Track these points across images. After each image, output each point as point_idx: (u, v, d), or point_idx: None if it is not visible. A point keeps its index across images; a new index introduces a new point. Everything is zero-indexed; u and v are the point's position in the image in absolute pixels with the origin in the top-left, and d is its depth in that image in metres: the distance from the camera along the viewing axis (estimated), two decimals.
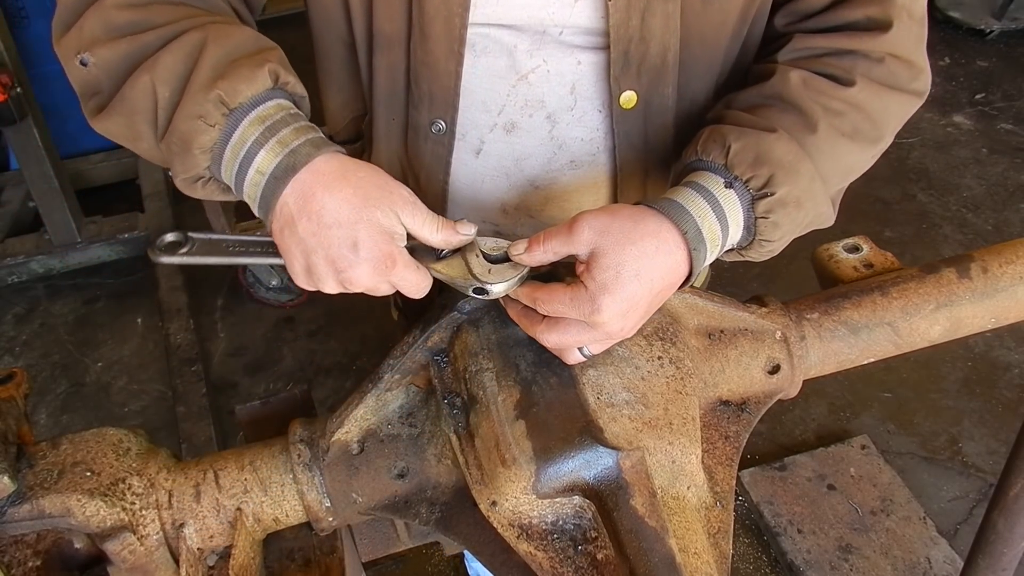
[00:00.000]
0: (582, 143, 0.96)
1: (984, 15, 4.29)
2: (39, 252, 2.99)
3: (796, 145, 0.81)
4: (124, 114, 0.76)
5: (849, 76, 0.83)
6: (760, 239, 0.83)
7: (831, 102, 0.83)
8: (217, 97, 0.72)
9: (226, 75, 0.73)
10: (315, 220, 0.72)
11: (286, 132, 0.74)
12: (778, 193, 0.79)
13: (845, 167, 0.86)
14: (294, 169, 0.72)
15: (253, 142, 0.73)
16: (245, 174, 0.74)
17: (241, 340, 2.85)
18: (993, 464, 2.35)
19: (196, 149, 0.74)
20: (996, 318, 1.01)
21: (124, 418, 2.59)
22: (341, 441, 0.84)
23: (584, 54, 0.89)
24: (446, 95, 0.90)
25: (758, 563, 2.16)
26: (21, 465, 0.79)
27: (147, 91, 0.74)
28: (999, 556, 1.36)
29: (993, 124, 3.70)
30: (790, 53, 0.87)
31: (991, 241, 2.88)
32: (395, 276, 0.75)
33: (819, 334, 0.96)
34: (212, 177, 0.78)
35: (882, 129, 0.87)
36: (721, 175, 0.81)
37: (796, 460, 2.32)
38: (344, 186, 0.72)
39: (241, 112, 0.74)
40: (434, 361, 0.85)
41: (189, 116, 0.72)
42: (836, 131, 0.83)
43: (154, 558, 0.81)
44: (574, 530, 0.75)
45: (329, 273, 0.73)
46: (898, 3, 0.83)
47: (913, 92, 0.87)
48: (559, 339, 0.76)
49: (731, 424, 0.91)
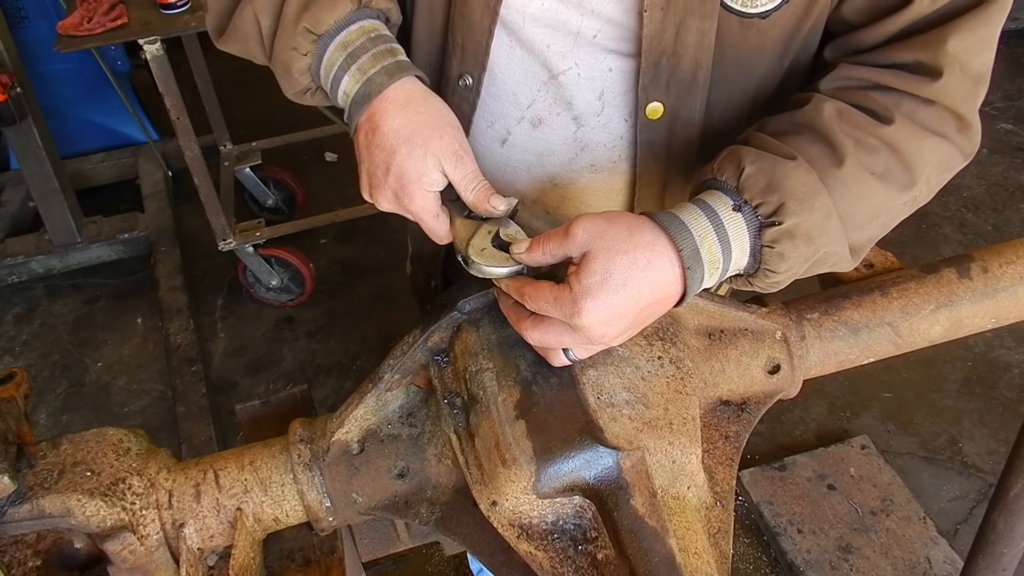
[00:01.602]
0: (604, 148, 0.97)
1: None
2: (39, 252, 2.99)
3: (814, 177, 0.77)
4: (239, 40, 0.88)
5: (889, 113, 0.80)
6: (765, 268, 0.79)
7: (865, 137, 0.79)
8: (304, 28, 0.82)
9: (311, 5, 0.81)
10: (370, 139, 0.82)
11: (365, 59, 0.82)
12: (786, 223, 0.75)
13: (870, 209, 0.81)
14: (368, 97, 0.81)
15: (338, 67, 0.83)
16: (336, 94, 0.85)
17: (241, 340, 2.85)
18: (993, 464, 2.35)
19: (295, 73, 0.85)
20: (996, 318, 1.01)
21: (124, 418, 2.59)
22: (341, 441, 0.84)
23: (616, 60, 0.89)
24: (476, 51, 0.91)
25: (758, 563, 2.16)
26: (21, 465, 0.79)
27: (251, 20, 0.85)
28: (999, 556, 1.36)
29: (993, 124, 3.70)
30: (833, 81, 0.84)
31: (991, 241, 2.88)
32: (413, 211, 0.82)
33: (819, 334, 0.96)
34: (319, 88, 0.88)
35: (915, 175, 0.81)
36: (731, 197, 0.78)
37: (796, 460, 2.32)
38: (400, 116, 0.81)
39: (328, 37, 0.83)
40: (434, 361, 0.85)
41: (284, 46, 0.84)
42: (864, 168, 0.79)
43: (154, 558, 0.81)
44: (574, 530, 0.75)
45: (365, 185, 0.84)
46: (950, 53, 0.78)
47: (956, 145, 0.82)
48: (542, 337, 0.75)
49: (731, 424, 0.91)
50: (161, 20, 2.28)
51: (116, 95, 3.20)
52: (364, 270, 3.09)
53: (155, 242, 3.04)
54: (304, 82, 0.87)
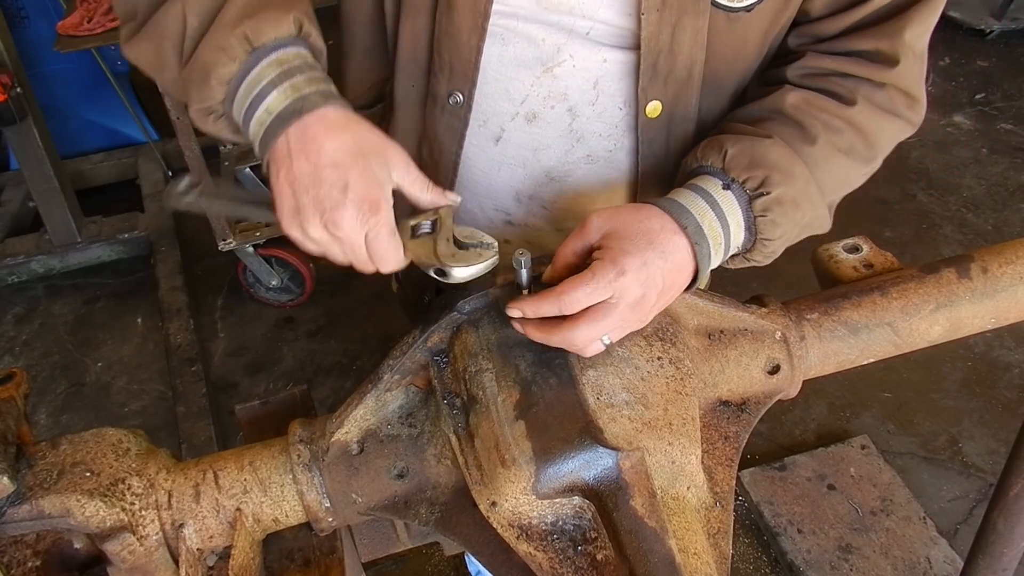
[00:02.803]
0: (600, 138, 0.98)
1: (984, 15, 4.29)
2: (39, 252, 2.99)
3: (791, 151, 0.86)
4: (155, 39, 0.81)
5: (851, 96, 0.88)
6: (761, 238, 0.87)
7: (831, 120, 0.88)
8: (242, 34, 0.76)
9: (254, 15, 0.77)
10: (312, 160, 0.74)
11: (300, 79, 0.77)
12: (774, 193, 0.84)
13: (839, 181, 0.92)
14: (300, 113, 0.75)
15: (268, 82, 0.77)
16: (254, 111, 0.78)
17: (241, 340, 2.85)
18: (993, 464, 2.35)
19: (214, 80, 0.77)
20: (996, 318, 1.01)
21: (124, 418, 2.59)
22: (341, 441, 0.84)
23: (611, 52, 0.91)
24: (466, 68, 0.91)
25: (758, 563, 2.16)
26: (21, 465, 0.79)
27: (178, 18, 0.78)
28: (999, 556, 1.36)
29: (993, 124, 3.70)
30: (799, 69, 0.91)
31: (991, 241, 2.88)
32: (374, 226, 0.75)
33: (819, 334, 0.96)
34: (224, 114, 0.82)
35: (875, 150, 0.92)
36: (719, 178, 0.86)
37: (796, 460, 2.32)
38: (344, 133, 0.76)
39: (262, 52, 0.78)
40: (434, 361, 0.85)
41: (213, 47, 0.77)
42: (833, 146, 0.89)
43: (154, 558, 0.80)
44: (574, 531, 0.75)
45: (315, 213, 0.75)
46: (906, 41, 0.86)
47: (907, 120, 0.93)
48: (587, 330, 0.76)
49: (731, 424, 0.91)
50: None
51: (116, 95, 3.19)
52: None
53: (155, 242, 3.04)
54: (218, 95, 0.79)
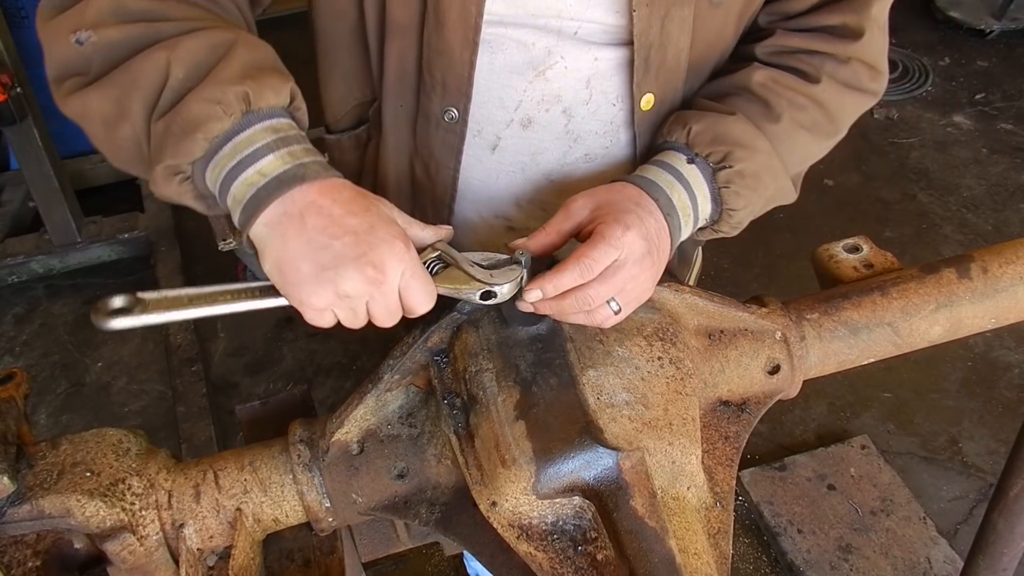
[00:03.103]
0: (596, 136, 0.98)
1: (984, 15, 4.29)
2: (39, 252, 2.99)
3: (753, 126, 0.90)
4: (119, 88, 0.73)
5: (816, 74, 0.92)
6: (726, 209, 0.91)
7: (796, 97, 0.92)
8: (243, 93, 0.71)
9: (256, 77, 0.73)
10: (325, 215, 0.70)
11: (297, 148, 0.74)
12: (737, 167, 0.88)
13: (802, 155, 0.97)
14: (303, 179, 0.71)
15: (262, 145, 0.72)
16: (240, 173, 0.72)
17: (241, 340, 2.85)
18: (993, 464, 2.35)
19: (201, 134, 0.71)
20: (996, 318, 1.01)
21: (124, 418, 2.59)
22: (341, 441, 0.84)
23: (601, 50, 0.91)
24: (460, 84, 0.91)
25: (758, 563, 2.16)
26: (21, 465, 0.79)
27: (158, 68, 0.72)
28: (999, 556, 1.36)
29: (993, 124, 3.70)
30: (767, 47, 0.95)
31: (991, 241, 2.88)
32: (409, 263, 0.72)
33: (819, 334, 0.96)
34: (191, 176, 0.75)
35: (838, 124, 0.96)
36: (683, 153, 0.90)
37: (796, 460, 2.32)
38: (350, 189, 0.73)
39: (255, 117, 0.73)
40: (434, 361, 0.85)
41: (207, 99, 0.71)
42: (797, 123, 0.92)
43: (154, 558, 0.80)
44: (574, 531, 0.75)
45: (350, 261, 0.69)
46: (872, 15, 0.90)
47: (871, 92, 0.96)
48: (599, 289, 0.78)
49: (731, 424, 0.91)
50: None
51: None
52: None
53: (155, 242, 3.04)
54: (198, 151, 0.72)
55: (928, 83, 3.94)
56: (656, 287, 0.86)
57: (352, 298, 0.71)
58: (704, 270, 1.33)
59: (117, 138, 0.75)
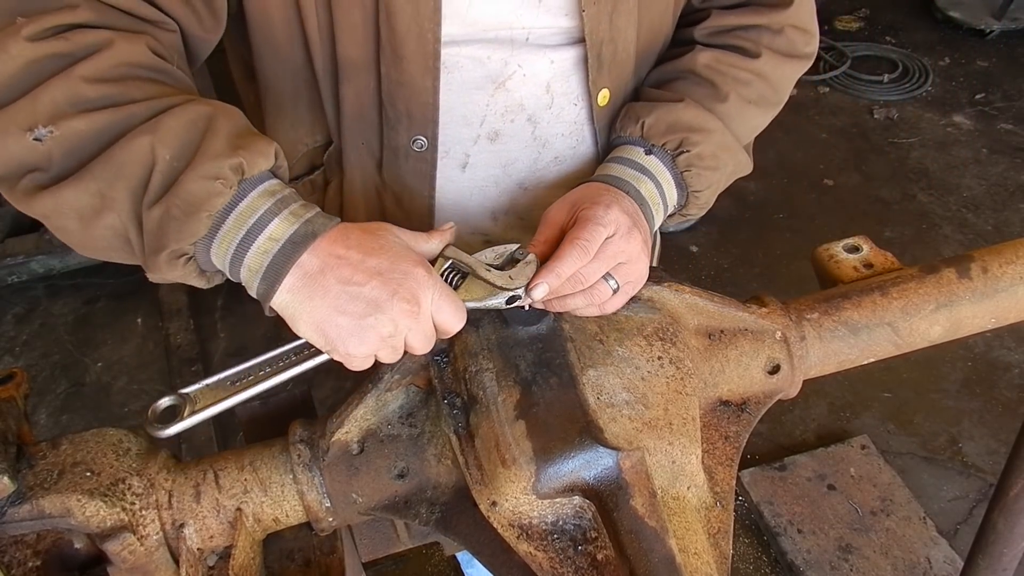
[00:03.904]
0: (563, 138, 0.99)
1: (984, 15, 4.29)
2: (39, 252, 2.99)
3: (702, 109, 0.94)
4: (99, 179, 0.69)
5: (756, 49, 0.96)
6: (692, 191, 0.95)
7: (740, 73, 0.96)
8: (237, 164, 0.70)
9: (245, 147, 0.72)
10: (347, 265, 0.70)
11: (296, 206, 0.74)
12: (694, 150, 0.92)
13: (751, 128, 1.02)
14: (314, 236, 0.71)
15: (266, 211, 0.72)
16: (252, 242, 0.71)
17: (241, 340, 2.85)
18: (993, 464, 2.35)
19: (204, 212, 0.70)
20: (996, 318, 1.01)
21: (124, 418, 2.59)
22: (341, 441, 0.84)
23: (555, 52, 0.92)
24: (425, 111, 0.90)
25: (758, 563, 2.16)
26: (21, 465, 0.79)
27: (143, 153, 0.69)
28: (999, 556, 1.36)
29: (993, 124, 3.70)
30: (706, 29, 0.98)
31: (991, 241, 2.88)
32: (436, 287, 0.73)
33: (819, 334, 0.96)
34: (194, 256, 0.74)
35: (781, 93, 1.02)
36: (639, 145, 0.94)
37: (796, 460, 2.32)
38: (355, 230, 0.74)
39: (250, 184, 0.73)
40: (434, 361, 0.85)
41: (204, 177, 0.69)
42: (743, 99, 0.97)
43: (154, 558, 0.81)
44: (574, 530, 0.75)
45: (383, 303, 0.70)
46: None
47: (806, 56, 1.01)
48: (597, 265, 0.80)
49: (731, 424, 0.91)
50: None
51: None
52: None
53: None
54: (203, 229, 0.71)
55: (928, 83, 3.94)
56: (656, 287, 0.87)
57: (394, 336, 0.72)
58: (704, 270, 1.34)
59: (95, 231, 0.72)
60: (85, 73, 0.69)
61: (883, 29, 4.36)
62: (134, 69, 0.72)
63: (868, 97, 3.88)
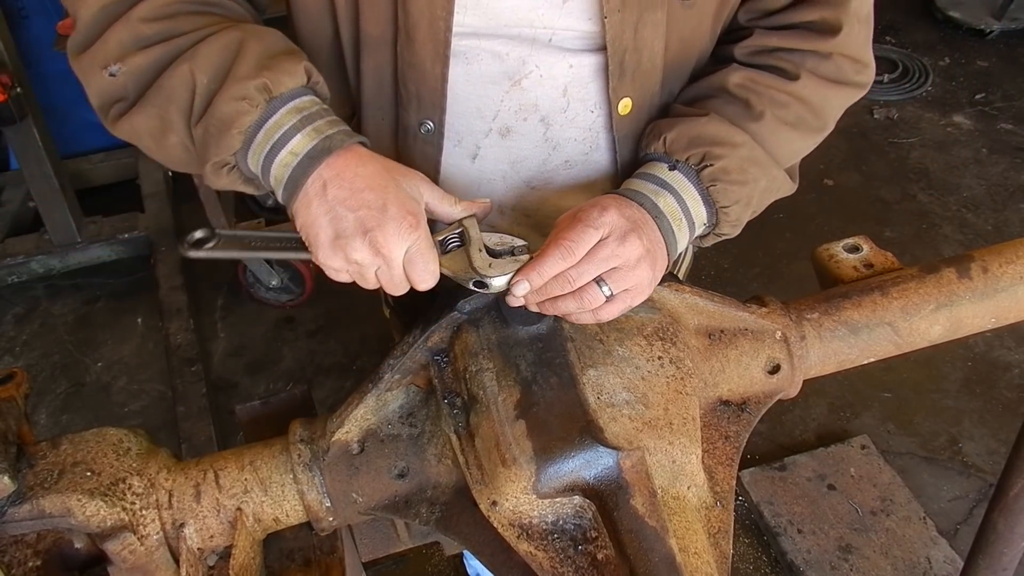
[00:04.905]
0: (575, 143, 0.98)
1: (984, 15, 4.29)
2: (39, 252, 2.99)
3: (727, 123, 0.91)
4: (157, 105, 0.80)
5: (795, 71, 0.92)
6: (720, 207, 0.91)
7: (777, 95, 0.92)
8: (262, 84, 0.78)
9: (270, 67, 0.79)
10: (347, 187, 0.77)
11: (321, 122, 0.80)
12: (717, 164, 0.89)
13: (791, 151, 0.97)
14: (329, 151, 0.78)
15: (290, 127, 0.79)
16: (276, 155, 0.79)
17: (241, 340, 2.85)
18: (993, 464, 2.35)
19: (235, 129, 0.78)
20: (996, 318, 1.01)
21: (124, 418, 2.59)
22: (341, 441, 0.84)
23: (576, 57, 0.91)
24: (433, 97, 0.91)
25: (758, 563, 2.16)
26: (21, 465, 0.79)
27: (185, 79, 0.79)
28: (999, 556, 1.36)
29: (993, 124, 3.70)
30: (746, 48, 0.95)
31: (991, 241, 2.88)
32: (414, 241, 0.77)
33: (819, 334, 0.96)
34: (236, 165, 0.83)
35: (825, 119, 0.97)
36: (663, 161, 0.91)
37: (796, 460, 2.32)
38: (374, 162, 0.80)
39: (280, 101, 0.79)
40: (434, 361, 0.85)
41: (232, 98, 0.77)
42: (780, 120, 0.93)
43: (154, 558, 0.81)
44: (574, 530, 0.75)
45: (359, 234, 0.76)
46: (851, 9, 0.90)
47: (857, 84, 0.96)
48: (586, 268, 0.79)
49: (731, 424, 0.91)
50: None
51: None
52: None
53: (155, 242, 3.04)
54: (236, 144, 0.79)
55: (928, 83, 3.94)
56: (656, 287, 0.86)
57: (361, 266, 0.78)
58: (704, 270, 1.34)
59: (167, 148, 0.84)
60: (141, 14, 0.80)
61: (883, 29, 4.36)
62: (185, 5, 0.82)
63: (868, 97, 3.86)
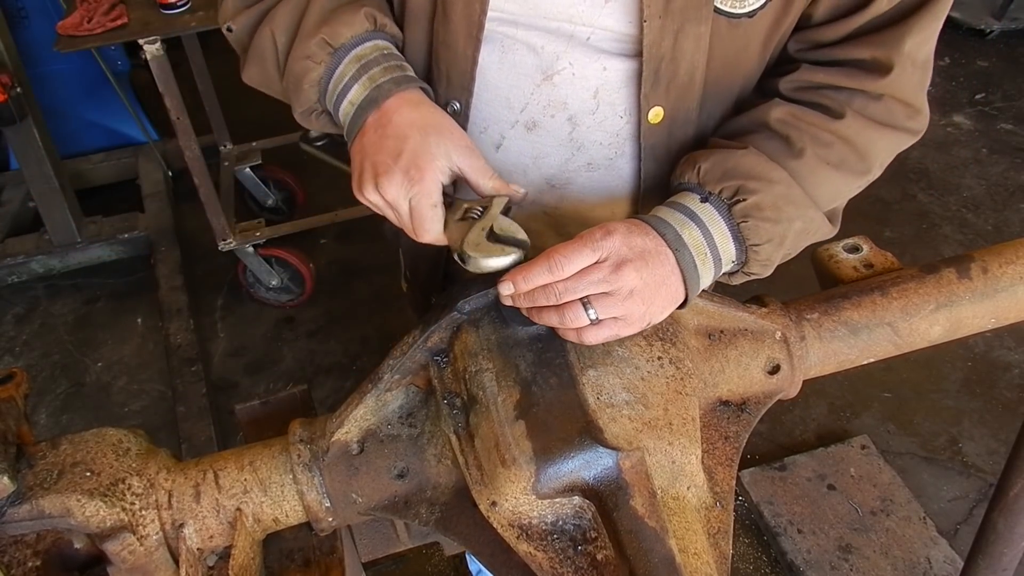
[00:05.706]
0: (601, 147, 0.97)
1: (984, 15, 4.29)
2: (39, 252, 2.99)
3: (765, 158, 0.87)
4: (257, 62, 0.93)
5: (840, 109, 0.88)
6: (749, 245, 0.87)
7: (820, 133, 0.88)
8: (322, 39, 0.86)
9: (329, 20, 0.86)
10: (379, 132, 0.84)
11: (376, 70, 0.86)
12: (751, 199, 0.85)
13: (832, 192, 0.91)
14: (376, 102, 0.85)
15: (349, 78, 0.86)
16: (340, 105, 0.88)
17: (241, 340, 2.85)
18: (993, 464, 2.35)
19: (306, 84, 0.88)
20: (996, 318, 1.01)
21: (124, 418, 2.59)
22: (341, 441, 0.84)
23: (611, 60, 0.90)
24: (462, 78, 0.93)
25: (758, 563, 2.16)
26: (21, 465, 0.79)
27: (269, 39, 0.90)
28: (999, 556, 1.36)
29: (993, 124, 3.70)
30: (792, 83, 0.91)
31: (991, 241, 2.88)
32: (417, 193, 0.82)
33: (819, 334, 0.96)
34: (324, 110, 0.92)
35: (869, 162, 0.91)
36: (696, 192, 0.87)
37: (796, 460, 2.32)
38: (414, 111, 0.85)
39: (343, 51, 0.87)
40: (434, 361, 0.85)
41: (299, 57, 0.87)
42: (821, 159, 0.88)
43: (154, 558, 0.81)
44: (574, 530, 0.75)
45: (370, 178, 0.83)
46: (904, 50, 0.85)
47: (907, 130, 0.91)
48: (573, 285, 0.77)
49: (731, 424, 0.91)
50: (161, 20, 2.27)
51: (116, 95, 3.19)
52: (364, 270, 3.09)
53: (155, 242, 3.04)
54: (312, 96, 0.89)
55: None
56: None
57: (375, 204, 0.85)
58: None
59: (277, 93, 0.97)
60: None
61: None
62: None
63: None
